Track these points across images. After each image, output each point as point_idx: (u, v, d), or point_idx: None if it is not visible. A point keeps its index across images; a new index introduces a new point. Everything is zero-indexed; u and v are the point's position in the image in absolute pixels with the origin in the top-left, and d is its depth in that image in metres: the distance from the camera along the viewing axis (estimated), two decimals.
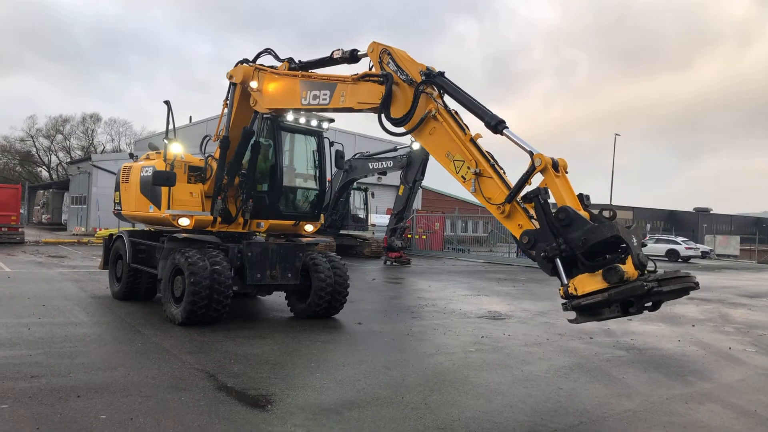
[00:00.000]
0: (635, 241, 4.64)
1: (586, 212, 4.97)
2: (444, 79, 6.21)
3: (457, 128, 5.97)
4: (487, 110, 5.82)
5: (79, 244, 26.13)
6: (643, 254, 4.64)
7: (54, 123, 67.93)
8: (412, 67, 6.41)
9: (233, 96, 9.07)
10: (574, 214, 4.81)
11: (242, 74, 8.87)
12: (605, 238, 4.62)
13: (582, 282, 4.73)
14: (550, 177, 5.10)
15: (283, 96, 8.38)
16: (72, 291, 11.40)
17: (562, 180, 5.17)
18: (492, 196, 5.53)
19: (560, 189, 5.08)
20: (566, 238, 4.78)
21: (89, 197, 33.27)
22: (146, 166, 9.73)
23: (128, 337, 7.62)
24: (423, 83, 6.22)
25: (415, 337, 8.49)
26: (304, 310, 9.40)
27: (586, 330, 9.53)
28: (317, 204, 9.87)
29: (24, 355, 6.33)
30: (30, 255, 19.36)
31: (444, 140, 6.04)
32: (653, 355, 7.89)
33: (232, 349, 7.08)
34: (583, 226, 4.73)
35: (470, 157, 5.75)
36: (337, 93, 7.46)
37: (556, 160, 5.17)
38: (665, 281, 4.43)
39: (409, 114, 6.25)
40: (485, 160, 5.68)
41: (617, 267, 4.53)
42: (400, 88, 6.48)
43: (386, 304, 11.94)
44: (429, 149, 6.38)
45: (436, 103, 6.17)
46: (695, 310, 12.68)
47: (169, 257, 8.68)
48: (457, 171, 5.86)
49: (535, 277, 19.53)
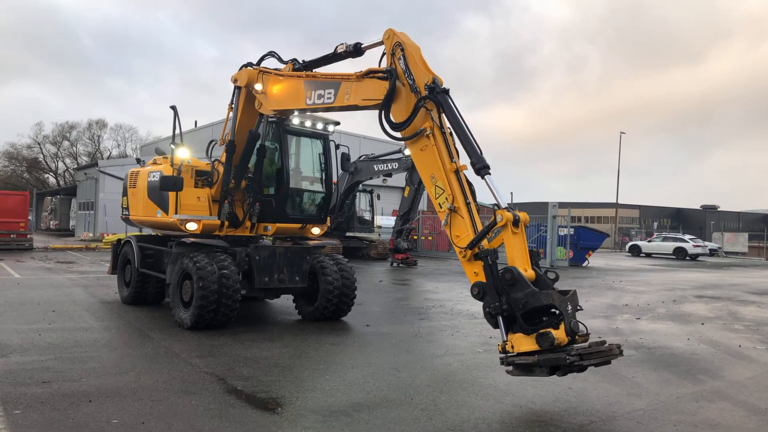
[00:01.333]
0: (570, 309, 4.97)
1: (533, 271, 5.28)
2: (446, 98, 6.05)
3: (445, 155, 5.96)
4: (476, 149, 5.83)
5: (87, 249, 26.28)
6: (575, 322, 4.95)
7: (60, 129, 68.57)
8: (419, 75, 6.24)
9: (238, 99, 9.10)
10: (518, 276, 5.08)
11: (246, 77, 8.89)
12: (542, 305, 4.96)
13: (518, 341, 5.04)
14: (507, 234, 5.37)
15: (288, 97, 8.37)
16: (81, 296, 11.47)
17: (518, 237, 5.40)
18: (459, 235, 5.69)
19: (513, 247, 5.35)
20: (509, 297, 5.09)
21: (96, 203, 33.48)
22: (153, 171, 9.78)
23: (138, 341, 7.66)
24: (424, 99, 6.09)
25: (423, 338, 8.50)
26: (312, 312, 9.43)
27: (595, 329, 9.49)
28: (324, 207, 9.90)
29: (35, 361, 6.38)
30: (39, 261, 19.49)
31: (431, 162, 6.06)
32: (662, 354, 7.86)
33: (241, 352, 7.11)
34: (524, 289, 5.02)
35: (449, 190, 5.83)
36: (342, 91, 7.39)
37: (517, 217, 5.40)
38: (587, 356, 4.83)
39: (407, 122, 6.21)
40: (462, 198, 5.78)
41: (549, 333, 4.84)
42: (405, 90, 6.37)
43: (394, 306, 11.95)
44: (417, 165, 6.36)
45: (432, 123, 6.09)
46: (704, 308, 12.63)
47: (178, 262, 8.72)
48: (436, 197, 5.97)
49: None
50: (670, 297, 14.58)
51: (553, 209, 25.17)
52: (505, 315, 5.13)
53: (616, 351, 5.02)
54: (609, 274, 21.79)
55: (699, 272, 24.86)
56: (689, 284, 18.52)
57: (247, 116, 9.11)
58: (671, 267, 27.98)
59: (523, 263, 5.30)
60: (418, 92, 6.17)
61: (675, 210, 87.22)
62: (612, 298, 13.97)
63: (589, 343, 5.07)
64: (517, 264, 5.24)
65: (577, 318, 5.00)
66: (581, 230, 27.47)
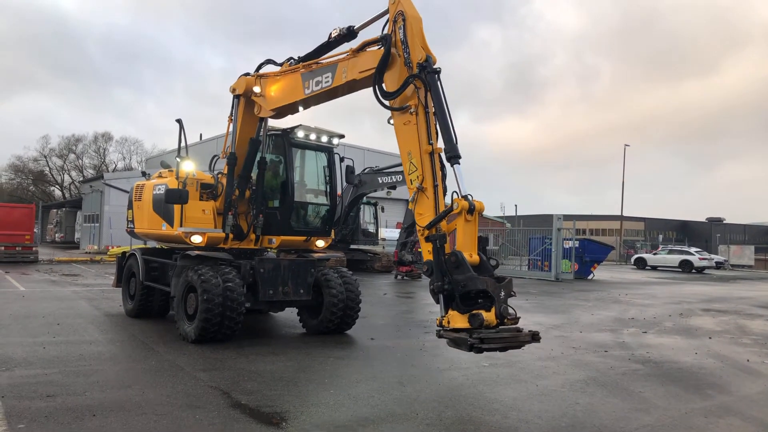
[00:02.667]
0: (503, 294, 5.49)
1: (478, 256, 5.72)
2: (435, 79, 6.17)
3: (424, 135, 6.16)
4: (452, 137, 6.00)
5: (92, 262, 26.33)
6: (505, 307, 5.46)
7: (67, 142, 69.08)
8: (414, 51, 6.31)
9: (237, 108, 9.19)
10: (462, 260, 5.51)
11: (244, 85, 9.01)
12: (478, 289, 5.43)
13: (454, 318, 5.49)
14: (461, 221, 5.72)
15: (286, 92, 8.45)
16: (86, 309, 11.48)
17: (470, 225, 5.76)
18: (422, 214, 6.02)
19: (464, 234, 5.74)
20: (452, 278, 5.51)
21: (102, 215, 33.60)
22: (159, 184, 9.82)
23: (142, 355, 7.64)
24: (414, 76, 6.22)
25: (428, 352, 8.45)
26: (316, 326, 9.40)
27: (601, 343, 9.44)
28: (328, 219, 9.91)
29: (39, 375, 6.37)
30: (44, 274, 19.54)
31: (410, 139, 6.29)
32: (670, 368, 7.79)
33: (245, 366, 7.08)
34: (465, 273, 5.48)
35: (421, 170, 6.09)
36: (339, 71, 7.46)
37: (473, 206, 5.73)
38: (488, 340, 5.24)
39: (396, 94, 6.39)
40: (431, 180, 6.03)
41: (479, 315, 5.32)
42: (399, 61, 6.47)
43: (398, 319, 11.90)
44: (397, 138, 6.52)
45: (417, 100, 6.23)
46: (711, 322, 12.53)
47: (182, 274, 8.72)
48: (409, 173, 6.25)
49: (548, 290, 19.42)
50: (676, 310, 14.48)
51: (558, 222, 25.12)
52: (446, 293, 5.54)
53: (527, 338, 5.45)
54: (615, 287, 21.67)
55: (705, 285, 24.70)
56: (696, 297, 18.40)
57: (248, 124, 9.19)
58: (677, 280, 27.82)
59: (470, 249, 5.70)
60: (411, 67, 6.29)
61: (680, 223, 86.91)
62: (618, 312, 13.88)
63: (509, 328, 5.49)
64: (464, 249, 5.64)
65: (508, 303, 5.50)
66: (586, 243, 27.37)
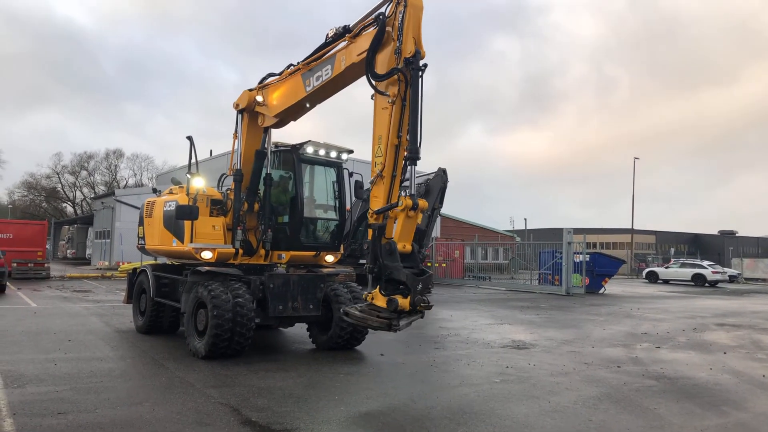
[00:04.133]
0: (420, 286, 6.38)
1: (411, 247, 6.58)
2: (417, 77, 6.56)
3: (395, 127, 6.68)
4: (416, 137, 6.52)
5: (103, 278, 26.47)
6: (419, 298, 6.38)
7: (79, 159, 69.89)
8: (407, 42, 6.64)
9: (241, 123, 9.40)
10: (393, 249, 6.38)
11: (247, 99, 9.27)
12: (400, 279, 6.31)
13: (377, 297, 6.48)
14: (402, 216, 6.49)
15: (288, 94, 8.69)
16: (97, 325, 11.52)
17: (411, 221, 6.54)
18: (377, 197, 6.78)
19: (403, 227, 6.51)
20: (382, 263, 6.38)
21: (113, 231, 33.85)
22: (169, 201, 9.88)
23: (152, 371, 7.64)
24: (398, 70, 6.63)
25: (438, 368, 8.38)
26: (325, 341, 9.36)
27: (613, 358, 9.33)
28: (337, 234, 9.92)
29: (51, 391, 6.38)
30: (55, 290, 19.66)
31: (383, 125, 6.81)
32: (685, 384, 7.67)
33: (255, 382, 7.05)
34: (394, 262, 6.33)
35: (383, 159, 6.73)
36: (338, 61, 7.76)
37: (416, 204, 6.49)
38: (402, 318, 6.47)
39: (382, 78, 6.83)
40: (391, 170, 6.70)
41: (395, 300, 6.30)
42: (392, 47, 6.79)
43: (408, 335, 11.82)
44: (374, 119, 6.97)
45: (397, 91, 6.65)
46: (725, 337, 12.35)
47: (192, 290, 8.74)
48: (375, 156, 6.86)
49: (558, 304, 19.26)
50: (690, 325, 14.29)
51: (568, 235, 24.96)
52: (374, 275, 6.44)
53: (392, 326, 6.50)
54: (626, 301, 21.46)
55: (719, 299, 24.39)
56: (709, 312, 18.16)
57: (253, 137, 9.41)
58: (690, 294, 27.50)
59: (405, 240, 6.55)
60: (399, 58, 6.66)
61: (692, 236, 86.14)
62: (630, 326, 13.72)
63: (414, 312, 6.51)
64: (400, 240, 6.49)
65: (423, 295, 6.43)
66: (597, 256, 27.16)
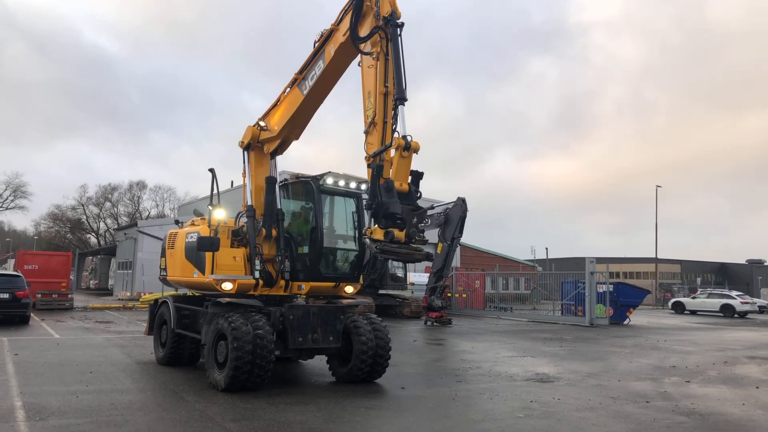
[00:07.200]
0: (415, 220, 6.86)
1: (407, 186, 6.94)
2: (396, 32, 7.30)
3: (381, 78, 7.29)
4: (402, 81, 7.11)
5: (124, 309, 26.68)
6: (414, 230, 6.83)
7: (103, 191, 71.42)
8: (384, 5, 7.46)
9: (248, 160, 9.86)
10: (391, 187, 6.76)
11: (250, 133, 9.81)
12: (397, 213, 6.75)
13: (376, 231, 6.93)
14: (397, 155, 6.92)
15: (288, 107, 9.31)
16: (118, 357, 11.56)
17: (406, 160, 6.94)
18: (372, 144, 7.26)
19: (398, 166, 6.91)
20: (380, 200, 6.82)
21: (135, 262, 34.23)
22: (191, 232, 9.98)
23: (172, 404, 7.60)
24: (379, 28, 7.40)
25: (460, 402, 8.21)
26: (345, 374, 9.25)
27: (641, 393, 9.05)
28: (357, 265, 9.89)
29: (72, 424, 6.37)
30: (78, 321, 19.84)
31: (371, 80, 7.48)
32: (717, 421, 7.39)
33: (275, 416, 6.97)
34: (391, 198, 6.75)
35: (374, 108, 7.32)
36: (327, 52, 8.45)
37: (408, 144, 6.89)
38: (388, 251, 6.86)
39: (364, 39, 7.60)
40: (382, 117, 7.19)
41: (391, 232, 6.74)
42: (371, 13, 7.56)
43: (429, 367, 11.65)
44: (362, 79, 7.62)
45: (380, 48, 7.36)
46: (757, 370, 11.94)
47: (213, 322, 8.74)
48: (367, 110, 7.43)
49: (582, 336, 18.84)
50: (720, 358, 13.85)
51: (591, 265, 24.56)
52: (373, 210, 6.91)
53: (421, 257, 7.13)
54: (652, 333, 20.92)
55: (749, 331, 23.67)
56: (740, 344, 17.61)
57: (261, 165, 9.94)
58: (719, 325, 26.74)
59: (402, 179, 6.92)
60: (379, 19, 7.46)
61: (719, 265, 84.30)
62: (658, 359, 13.35)
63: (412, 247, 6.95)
64: (397, 179, 6.87)
65: (417, 228, 6.88)
66: (621, 286, 26.64)
